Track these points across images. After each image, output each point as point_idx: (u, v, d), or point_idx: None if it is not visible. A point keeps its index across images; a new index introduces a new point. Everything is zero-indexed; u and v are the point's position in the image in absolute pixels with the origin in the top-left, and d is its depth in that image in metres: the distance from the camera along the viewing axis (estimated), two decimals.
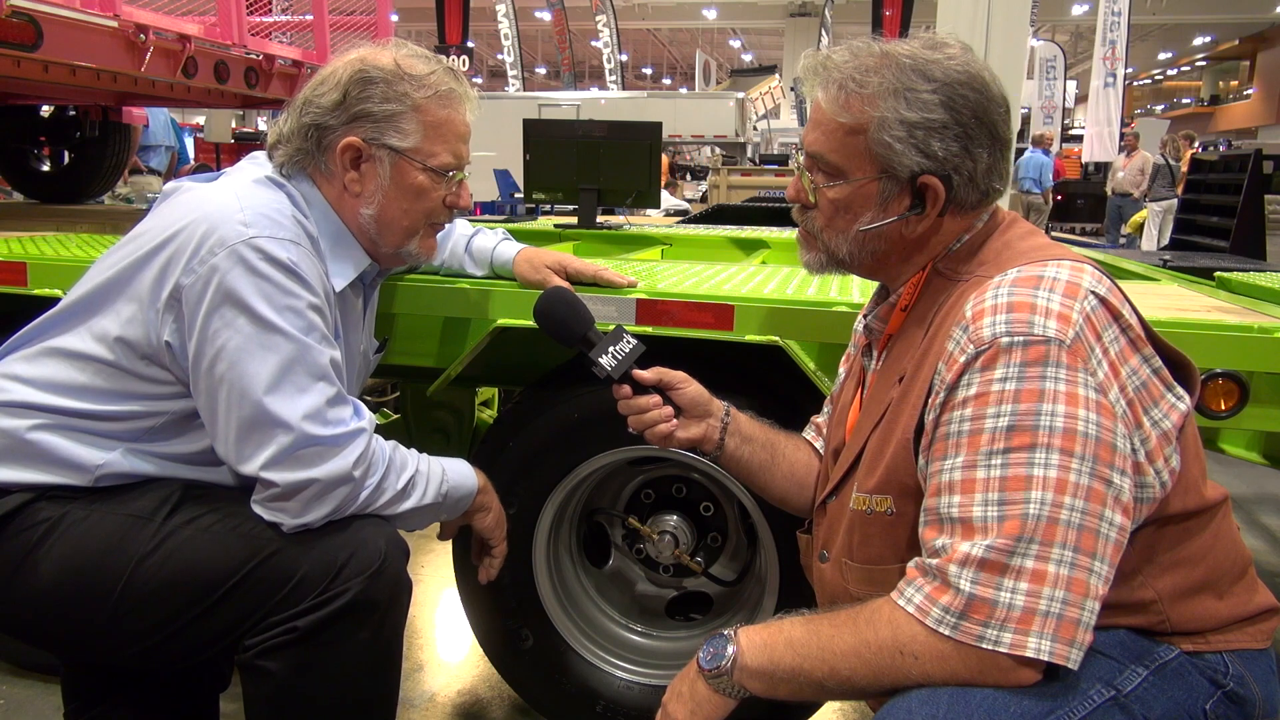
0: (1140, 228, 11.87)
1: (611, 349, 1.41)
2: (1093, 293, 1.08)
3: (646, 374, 1.42)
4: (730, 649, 1.12)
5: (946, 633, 1.02)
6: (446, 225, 1.59)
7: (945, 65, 1.17)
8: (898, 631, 1.04)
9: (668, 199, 11.62)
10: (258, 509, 1.38)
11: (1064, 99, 19.93)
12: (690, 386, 1.44)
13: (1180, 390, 1.12)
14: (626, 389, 1.41)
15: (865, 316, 1.35)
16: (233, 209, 1.36)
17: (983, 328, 1.06)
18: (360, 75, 1.44)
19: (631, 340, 1.42)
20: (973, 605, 1.01)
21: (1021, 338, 1.04)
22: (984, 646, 1.00)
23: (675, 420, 1.43)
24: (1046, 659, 1.00)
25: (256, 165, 1.50)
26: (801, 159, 1.27)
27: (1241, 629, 1.15)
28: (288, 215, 1.40)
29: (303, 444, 1.33)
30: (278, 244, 1.35)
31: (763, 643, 1.12)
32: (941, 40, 1.21)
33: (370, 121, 1.44)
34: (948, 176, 1.16)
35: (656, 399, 1.42)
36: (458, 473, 1.54)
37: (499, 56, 24.54)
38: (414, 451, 1.50)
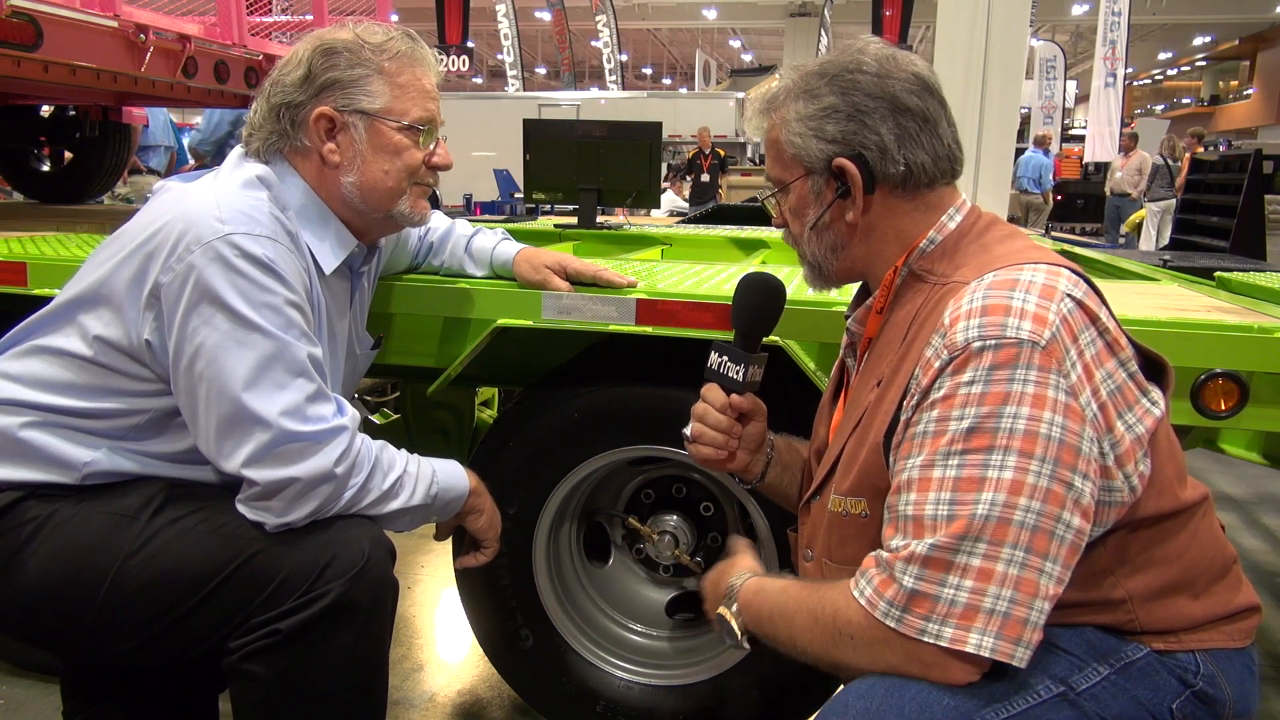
0: (1138, 227, 11.88)
1: (748, 366, 1.39)
2: (1069, 295, 1.08)
3: (744, 401, 1.41)
4: (737, 625, 1.24)
5: (892, 625, 1.04)
6: (434, 188, 1.60)
7: (841, 60, 1.22)
8: (838, 618, 1.10)
9: (673, 199, 11.71)
10: (242, 508, 1.38)
11: (1064, 99, 19.92)
12: (761, 423, 1.46)
13: (1156, 395, 1.13)
14: (733, 402, 1.40)
15: (848, 319, 1.36)
16: (209, 206, 1.37)
17: (957, 333, 1.07)
18: (322, 48, 1.47)
19: (761, 370, 1.41)
20: (915, 600, 1.03)
21: (994, 341, 1.05)
22: (925, 640, 1.03)
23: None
24: (989, 655, 1.02)
25: (239, 163, 1.50)
26: None
27: (1217, 628, 1.16)
28: (265, 212, 1.41)
29: (282, 441, 1.33)
30: (254, 240, 1.35)
31: (753, 614, 1.23)
32: (861, 38, 1.26)
33: (339, 89, 1.46)
34: (856, 154, 1.20)
35: (739, 428, 1.43)
36: (449, 474, 1.54)
37: (499, 56, 24.53)
38: (403, 452, 1.50)
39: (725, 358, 1.40)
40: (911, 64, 1.22)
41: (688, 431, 1.45)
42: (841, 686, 1.16)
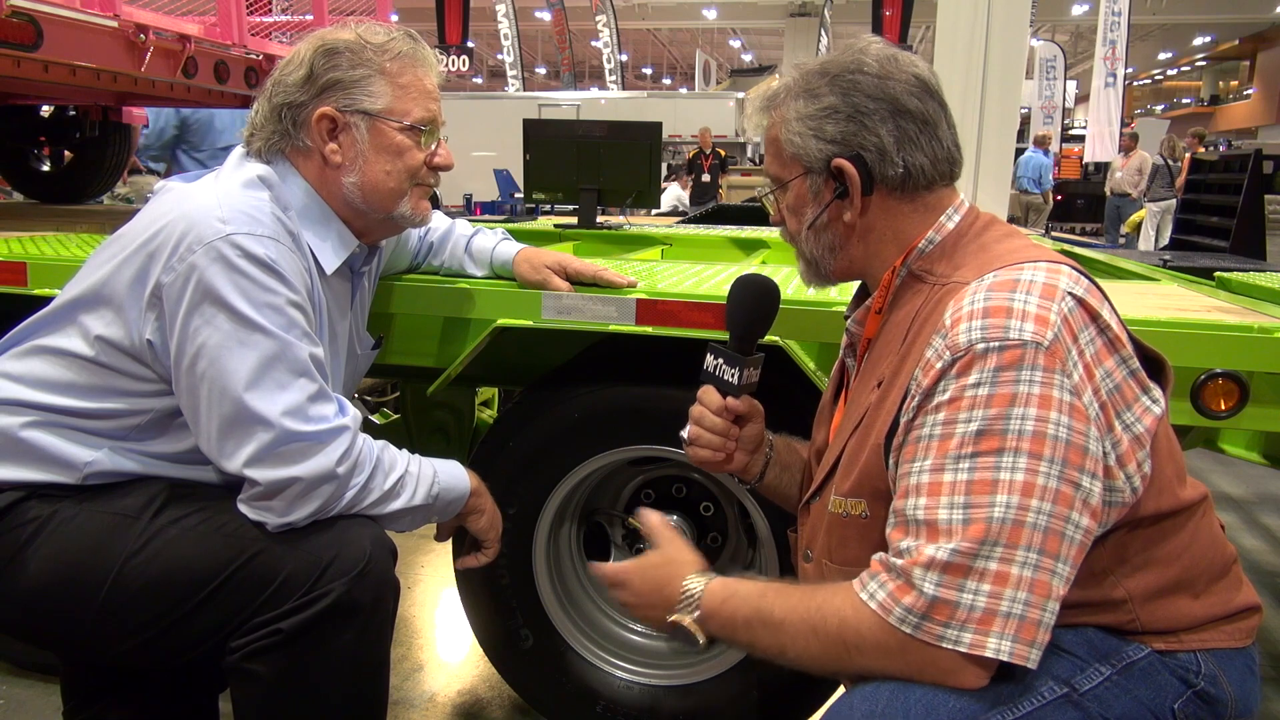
0: (1138, 227, 11.88)
1: (743, 369, 1.39)
2: (1070, 294, 1.08)
3: (740, 403, 1.41)
4: (696, 633, 1.20)
5: (908, 631, 1.03)
6: (435, 189, 1.60)
7: (843, 60, 1.22)
8: (844, 628, 1.07)
9: (679, 193, 11.77)
10: (243, 508, 1.38)
11: (1064, 99, 19.92)
12: (758, 425, 1.46)
13: (1156, 393, 1.12)
14: (729, 404, 1.40)
15: (847, 319, 1.36)
16: (211, 206, 1.37)
17: (959, 334, 1.07)
18: (324, 48, 1.46)
19: (758, 372, 1.41)
20: (935, 607, 1.02)
21: (997, 343, 1.04)
22: (944, 646, 1.02)
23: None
24: (1006, 659, 1.02)
25: (241, 163, 1.50)
26: None
27: (1218, 628, 1.15)
28: (267, 213, 1.41)
29: (284, 441, 1.33)
30: (256, 240, 1.35)
31: (723, 621, 1.19)
32: (863, 38, 1.26)
33: (341, 89, 1.46)
34: (855, 155, 1.20)
35: (736, 430, 1.43)
36: (450, 474, 1.54)
37: (499, 56, 24.53)
38: (405, 452, 1.50)
39: (720, 361, 1.40)
40: (913, 65, 1.22)
41: (685, 434, 1.45)
42: (841, 688, 1.16)
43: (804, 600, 1.12)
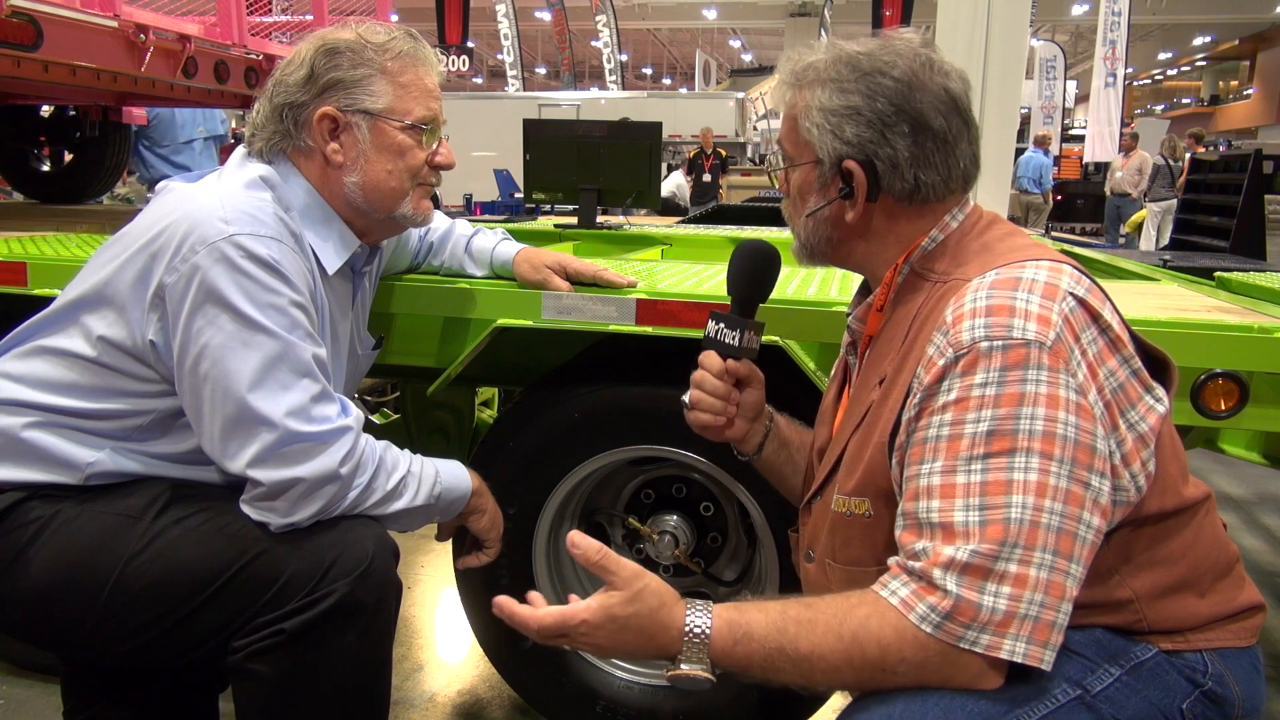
0: (1138, 227, 11.88)
1: (744, 331, 1.40)
2: (1071, 294, 1.08)
3: (741, 366, 1.42)
4: (704, 667, 1.10)
5: (929, 630, 1.02)
6: (436, 189, 1.61)
7: (878, 56, 1.20)
8: (886, 654, 1.04)
9: (683, 186, 11.78)
10: (246, 508, 1.38)
11: (1064, 99, 19.92)
12: (758, 392, 1.46)
13: (1160, 392, 1.12)
14: (729, 367, 1.41)
15: (849, 316, 1.36)
16: (214, 206, 1.37)
17: (962, 332, 1.06)
18: (325, 48, 1.47)
19: (759, 338, 1.42)
20: (959, 608, 1.01)
21: (1001, 341, 1.04)
22: (961, 647, 1.02)
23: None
24: (1020, 661, 1.01)
25: (243, 163, 1.50)
26: None
27: (1223, 627, 1.15)
28: (269, 213, 1.41)
29: (287, 441, 1.33)
30: (259, 241, 1.35)
31: (737, 662, 1.10)
32: (902, 36, 1.23)
33: (342, 89, 1.46)
34: (868, 162, 1.19)
35: (736, 394, 1.43)
36: (451, 475, 1.54)
37: (499, 56, 24.53)
38: (406, 452, 1.50)
39: (722, 325, 1.41)
40: (944, 76, 1.20)
41: (685, 399, 1.44)
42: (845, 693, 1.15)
43: (833, 628, 1.05)
